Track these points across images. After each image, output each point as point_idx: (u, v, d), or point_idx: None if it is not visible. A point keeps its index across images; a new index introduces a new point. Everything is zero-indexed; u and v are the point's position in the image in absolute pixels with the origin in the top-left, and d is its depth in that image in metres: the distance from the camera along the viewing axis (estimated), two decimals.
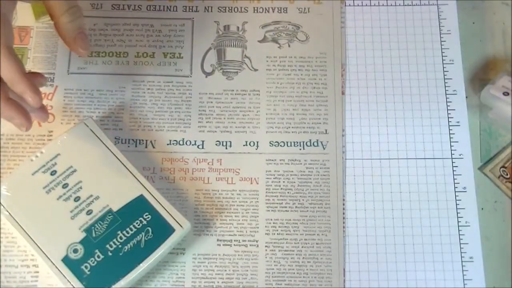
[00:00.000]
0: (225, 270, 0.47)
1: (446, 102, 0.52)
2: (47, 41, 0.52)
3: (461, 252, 0.48)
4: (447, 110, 0.52)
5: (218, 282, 0.47)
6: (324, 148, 0.50)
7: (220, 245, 0.48)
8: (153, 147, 0.50)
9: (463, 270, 0.47)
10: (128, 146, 0.50)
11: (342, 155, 0.50)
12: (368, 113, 0.52)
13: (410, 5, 0.55)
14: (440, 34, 0.54)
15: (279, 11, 0.54)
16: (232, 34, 0.53)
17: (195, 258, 0.48)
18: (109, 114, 0.51)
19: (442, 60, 0.53)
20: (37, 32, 0.53)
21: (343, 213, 0.49)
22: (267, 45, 0.53)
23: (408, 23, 0.54)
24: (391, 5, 0.55)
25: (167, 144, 0.50)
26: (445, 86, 0.52)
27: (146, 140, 0.50)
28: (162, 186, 0.49)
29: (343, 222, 0.49)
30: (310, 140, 0.50)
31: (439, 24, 0.54)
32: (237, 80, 0.52)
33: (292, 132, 0.51)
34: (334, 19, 0.53)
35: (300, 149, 0.50)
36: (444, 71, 0.53)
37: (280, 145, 0.50)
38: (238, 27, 0.53)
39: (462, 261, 0.48)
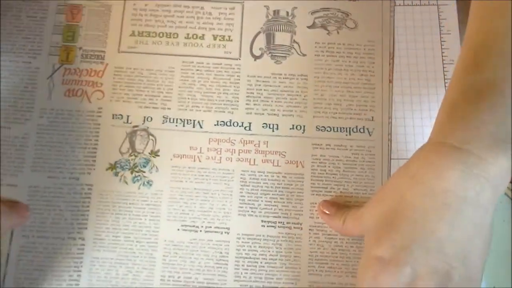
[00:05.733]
0: (269, 251, 0.48)
1: None
2: (98, 19, 0.53)
3: None
4: None
5: (261, 262, 0.48)
6: (370, 135, 0.50)
7: (264, 226, 0.48)
8: (201, 127, 0.51)
9: None
10: (176, 126, 0.51)
11: (388, 142, 0.50)
12: None
13: (410, 5, 0.54)
14: (440, 34, 0.54)
15: None
16: (281, 19, 0.53)
17: (239, 238, 0.48)
18: (157, 93, 0.51)
19: (442, 60, 0.53)
20: (89, 10, 0.53)
21: None
22: (316, 31, 0.53)
23: (408, 23, 0.54)
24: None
25: (215, 125, 0.51)
26: (445, 86, 0.52)
27: (194, 120, 0.51)
28: (209, 166, 0.50)
29: None
30: (357, 126, 0.51)
31: (439, 24, 0.54)
32: (285, 64, 0.52)
33: (339, 117, 0.51)
34: (383, 7, 0.54)
35: (346, 135, 0.50)
36: (444, 71, 0.53)
37: (327, 130, 0.51)
38: (287, 12, 0.53)
39: None
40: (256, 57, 0.52)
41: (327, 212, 0.47)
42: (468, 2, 0.52)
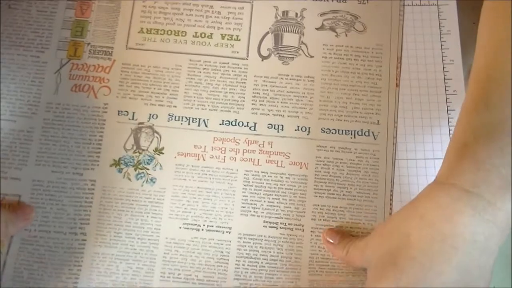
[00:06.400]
0: (270, 252, 0.48)
1: (446, 102, 0.51)
2: (107, 15, 0.53)
3: None
4: (447, 110, 0.51)
5: (262, 262, 0.48)
6: (375, 139, 0.50)
7: (266, 226, 0.48)
8: (206, 126, 0.51)
9: None
10: (181, 124, 0.51)
11: (393, 146, 0.50)
12: None
13: (410, 5, 0.54)
14: (440, 34, 0.53)
15: (338, 0, 0.54)
16: (290, 20, 0.53)
17: (240, 238, 0.48)
18: (164, 91, 0.51)
19: (442, 60, 0.52)
20: (99, 6, 0.53)
21: (390, 204, 0.49)
22: (324, 33, 0.53)
23: (408, 23, 0.54)
24: None
25: (220, 124, 0.51)
26: (445, 86, 0.52)
27: (199, 119, 0.51)
28: (212, 165, 0.49)
29: (390, 213, 0.49)
30: (362, 129, 0.50)
31: (439, 24, 0.53)
32: (292, 65, 0.52)
33: (344, 120, 0.51)
34: (392, 11, 0.53)
35: (351, 138, 0.50)
36: (444, 71, 0.52)
37: (332, 132, 0.50)
38: (296, 13, 0.53)
39: None
40: (263, 58, 0.52)
41: (331, 241, 0.47)
42: (468, 2, 0.52)
